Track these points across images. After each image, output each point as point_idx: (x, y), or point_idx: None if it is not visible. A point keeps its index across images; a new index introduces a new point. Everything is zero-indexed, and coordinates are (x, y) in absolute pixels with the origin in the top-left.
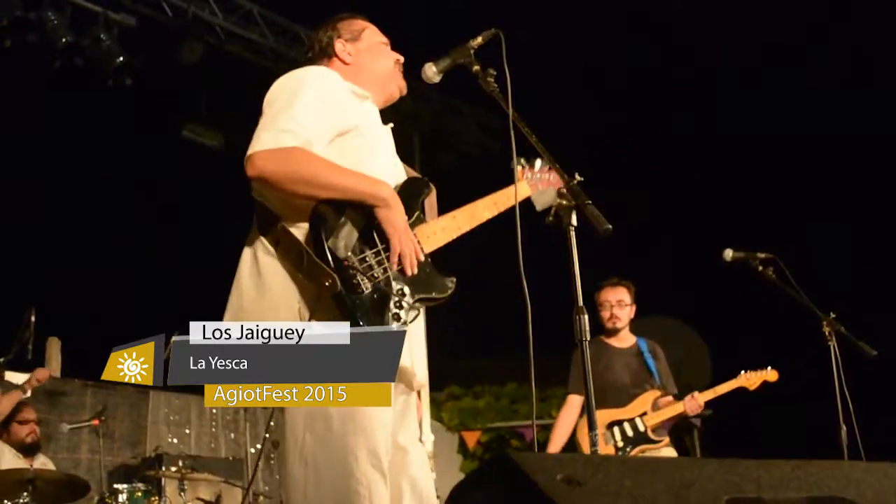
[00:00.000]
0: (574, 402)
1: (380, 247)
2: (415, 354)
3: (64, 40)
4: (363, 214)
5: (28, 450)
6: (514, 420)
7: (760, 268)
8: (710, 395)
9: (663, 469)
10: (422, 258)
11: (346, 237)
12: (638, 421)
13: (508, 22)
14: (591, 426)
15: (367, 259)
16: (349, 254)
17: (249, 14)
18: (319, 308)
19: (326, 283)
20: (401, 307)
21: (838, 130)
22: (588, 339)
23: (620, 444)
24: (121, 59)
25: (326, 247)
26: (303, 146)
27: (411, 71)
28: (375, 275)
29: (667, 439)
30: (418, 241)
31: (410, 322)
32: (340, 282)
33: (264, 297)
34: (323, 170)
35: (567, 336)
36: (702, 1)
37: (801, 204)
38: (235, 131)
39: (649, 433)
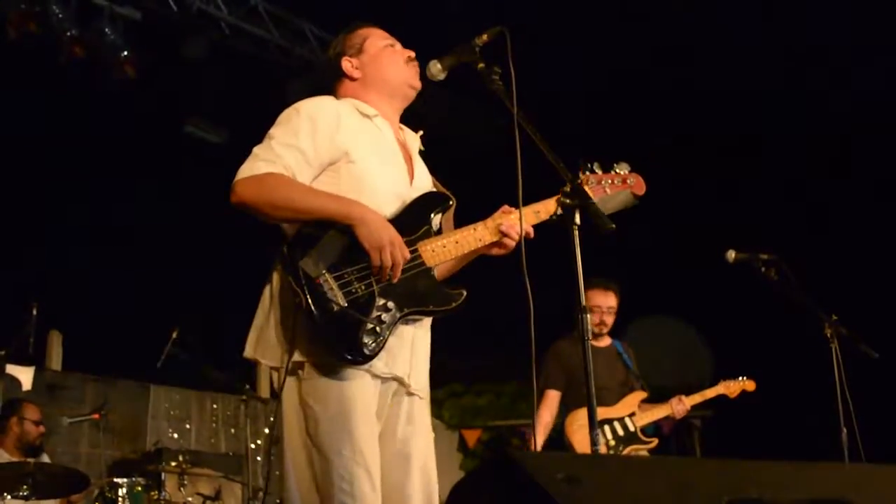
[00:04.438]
0: (552, 397)
1: (363, 264)
2: (414, 363)
3: (68, 33)
4: (346, 234)
5: (37, 451)
6: (515, 419)
7: (763, 269)
8: (696, 399)
9: (664, 469)
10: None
11: (322, 256)
12: (627, 421)
13: (511, 19)
14: (592, 425)
15: (346, 276)
16: (323, 272)
17: (254, 9)
18: (298, 331)
19: (296, 301)
20: (382, 322)
21: (840, 131)
22: (590, 338)
23: (612, 442)
24: (125, 52)
25: (298, 266)
26: (281, 173)
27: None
28: (353, 290)
29: (656, 440)
30: (418, 255)
31: (389, 336)
32: (310, 299)
33: (269, 320)
34: (296, 193)
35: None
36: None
37: (803, 205)
38: (239, 127)
39: (639, 433)
